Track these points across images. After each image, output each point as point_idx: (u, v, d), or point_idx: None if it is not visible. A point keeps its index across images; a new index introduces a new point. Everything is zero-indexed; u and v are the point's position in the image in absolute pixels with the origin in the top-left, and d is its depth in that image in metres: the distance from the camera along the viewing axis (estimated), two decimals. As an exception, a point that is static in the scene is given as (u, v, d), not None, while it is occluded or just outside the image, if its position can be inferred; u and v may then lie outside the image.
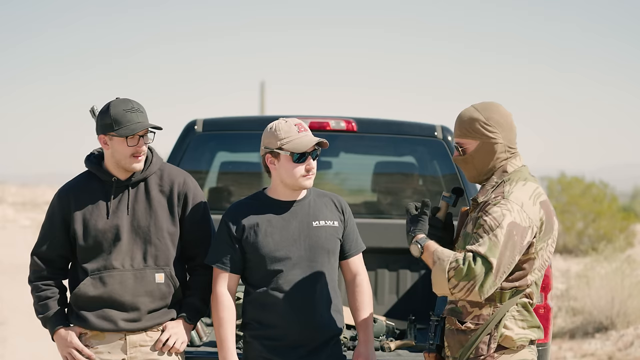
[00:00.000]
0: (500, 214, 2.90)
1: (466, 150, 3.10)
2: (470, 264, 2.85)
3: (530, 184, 3.03)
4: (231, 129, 5.08)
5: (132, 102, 3.34)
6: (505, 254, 2.88)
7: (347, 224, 3.43)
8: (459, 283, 2.86)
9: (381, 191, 5.31)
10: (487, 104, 3.11)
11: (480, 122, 3.06)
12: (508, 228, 2.88)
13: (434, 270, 2.94)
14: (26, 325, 9.03)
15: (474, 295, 2.88)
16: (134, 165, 3.33)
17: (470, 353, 3.01)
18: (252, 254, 3.31)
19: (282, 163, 3.30)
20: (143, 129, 3.29)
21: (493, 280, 2.87)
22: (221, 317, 3.30)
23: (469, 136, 3.08)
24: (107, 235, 3.34)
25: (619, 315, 9.31)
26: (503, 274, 2.90)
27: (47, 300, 3.41)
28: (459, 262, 2.87)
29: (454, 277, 2.87)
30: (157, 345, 3.37)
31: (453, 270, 2.87)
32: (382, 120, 5.11)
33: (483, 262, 2.85)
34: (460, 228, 3.21)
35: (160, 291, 3.38)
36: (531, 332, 3.05)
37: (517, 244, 2.90)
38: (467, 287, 2.86)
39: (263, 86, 26.67)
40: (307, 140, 3.28)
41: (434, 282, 2.94)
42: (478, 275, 2.84)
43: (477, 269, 2.84)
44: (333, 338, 3.37)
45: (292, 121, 3.32)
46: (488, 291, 2.89)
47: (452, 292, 2.90)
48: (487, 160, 3.08)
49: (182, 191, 3.43)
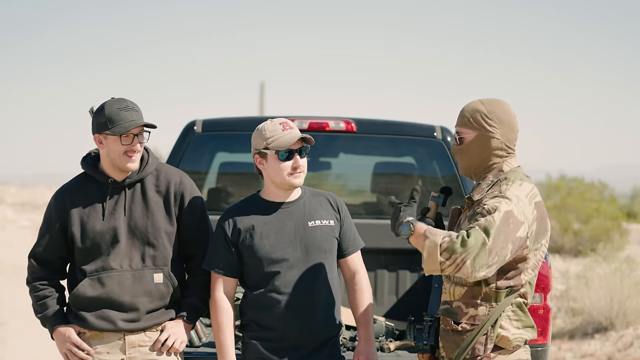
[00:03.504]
0: (497, 202, 2.90)
1: (463, 140, 3.10)
2: (464, 237, 2.82)
3: (526, 184, 3.03)
4: (230, 129, 5.08)
5: (126, 101, 3.34)
6: (500, 237, 2.84)
7: (344, 222, 3.43)
8: (451, 256, 2.81)
9: (381, 192, 5.31)
10: (494, 100, 3.13)
11: (482, 114, 3.07)
12: (505, 215, 2.87)
13: (425, 246, 2.88)
14: (26, 326, 9.03)
15: (464, 270, 2.81)
16: (128, 164, 3.33)
17: (466, 353, 3.00)
18: (249, 257, 3.31)
19: (270, 162, 3.31)
20: (136, 126, 3.29)
21: (486, 257, 2.82)
22: (220, 322, 3.31)
23: (468, 126, 3.09)
24: (105, 237, 3.34)
25: (618, 316, 9.31)
26: (496, 256, 2.84)
27: (46, 300, 3.41)
28: (452, 237, 2.84)
29: (446, 251, 2.82)
30: (156, 345, 3.37)
31: (446, 244, 2.83)
32: (381, 120, 5.11)
33: (477, 237, 2.81)
34: (452, 227, 3.20)
35: (159, 291, 3.38)
36: (526, 332, 3.05)
37: (511, 232, 2.87)
38: (459, 260, 2.80)
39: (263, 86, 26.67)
40: (290, 137, 3.28)
41: (425, 258, 2.88)
42: (472, 247, 2.80)
43: (470, 241, 2.80)
44: (332, 338, 3.37)
45: (278, 120, 3.34)
46: (480, 269, 2.82)
47: (442, 267, 2.84)
48: (481, 154, 3.08)
49: (178, 191, 3.43)
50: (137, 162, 3.36)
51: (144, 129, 3.35)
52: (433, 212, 3.27)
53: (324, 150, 5.19)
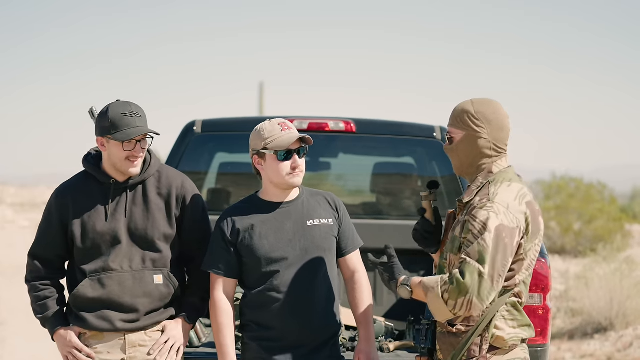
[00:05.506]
0: (486, 217, 2.90)
1: (453, 140, 3.11)
2: (459, 279, 2.84)
3: (515, 185, 3.02)
4: (230, 129, 5.08)
5: (131, 105, 3.31)
6: (497, 258, 2.86)
7: (342, 221, 3.43)
8: (456, 302, 2.85)
9: (380, 192, 5.31)
10: (484, 100, 3.13)
11: (469, 114, 3.07)
12: (496, 232, 2.87)
13: (429, 301, 2.92)
14: (25, 326, 9.03)
15: (475, 307, 2.85)
16: (130, 169, 3.32)
17: (462, 355, 3.00)
18: (248, 257, 3.31)
19: (268, 163, 3.31)
20: (139, 134, 3.27)
21: (489, 285, 2.85)
22: (220, 323, 3.30)
23: (456, 126, 3.10)
24: (106, 238, 3.34)
25: (618, 316, 9.31)
26: (499, 277, 2.88)
27: (46, 300, 3.40)
28: (447, 283, 2.87)
29: (450, 299, 2.86)
30: (156, 348, 3.37)
31: (446, 293, 2.86)
32: (381, 121, 5.11)
33: (471, 272, 2.84)
34: (448, 229, 3.21)
35: (159, 292, 3.38)
36: (522, 331, 3.04)
37: (507, 246, 2.89)
38: (465, 302, 2.84)
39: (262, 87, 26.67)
40: (289, 137, 3.28)
41: (434, 310, 2.93)
42: (471, 287, 2.83)
43: (467, 282, 2.83)
44: (332, 338, 3.37)
45: (276, 120, 3.34)
46: (487, 297, 2.86)
47: (454, 313, 2.88)
48: (469, 153, 3.08)
49: (180, 194, 3.42)
50: (139, 167, 3.35)
51: (147, 134, 3.34)
52: (430, 211, 3.27)
53: (323, 151, 5.19)
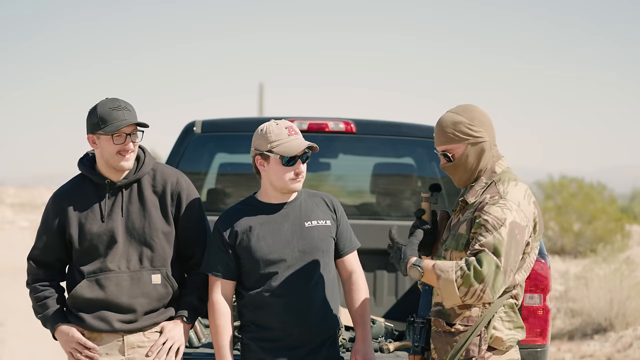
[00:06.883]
0: (501, 213, 2.91)
1: (455, 156, 3.09)
2: (476, 267, 2.84)
3: (521, 185, 3.05)
4: (230, 130, 5.08)
5: (119, 100, 3.34)
6: (511, 253, 2.88)
7: (340, 222, 3.43)
8: (469, 289, 2.85)
9: (380, 192, 5.31)
10: (465, 106, 3.12)
11: (465, 124, 3.05)
12: (510, 227, 2.89)
13: (441, 284, 2.92)
14: (25, 327, 9.03)
15: (486, 297, 2.86)
16: (121, 163, 3.32)
17: (460, 355, 3.01)
18: (246, 259, 3.31)
19: (272, 166, 3.29)
20: (128, 125, 3.28)
21: (503, 279, 2.87)
22: (218, 325, 3.30)
23: (455, 141, 3.06)
24: (103, 238, 3.34)
25: (618, 317, 9.30)
26: (510, 272, 2.90)
27: (46, 300, 3.41)
28: (463, 269, 2.87)
29: (463, 285, 2.86)
30: (155, 349, 3.36)
31: (460, 279, 2.86)
32: (380, 121, 5.11)
33: (489, 262, 2.84)
34: (442, 230, 3.21)
35: (157, 292, 3.37)
36: (517, 333, 3.07)
37: (519, 243, 2.91)
38: (478, 290, 2.85)
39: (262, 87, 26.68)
40: (297, 144, 3.27)
41: (444, 295, 2.93)
42: (487, 276, 2.84)
43: (484, 271, 2.84)
44: (330, 338, 3.38)
45: (283, 124, 3.31)
46: (499, 291, 2.88)
47: (463, 300, 2.89)
48: (476, 161, 3.08)
49: (175, 191, 3.42)
50: (131, 161, 3.35)
51: (137, 128, 3.34)
52: (428, 213, 3.26)
53: (323, 151, 5.18)
